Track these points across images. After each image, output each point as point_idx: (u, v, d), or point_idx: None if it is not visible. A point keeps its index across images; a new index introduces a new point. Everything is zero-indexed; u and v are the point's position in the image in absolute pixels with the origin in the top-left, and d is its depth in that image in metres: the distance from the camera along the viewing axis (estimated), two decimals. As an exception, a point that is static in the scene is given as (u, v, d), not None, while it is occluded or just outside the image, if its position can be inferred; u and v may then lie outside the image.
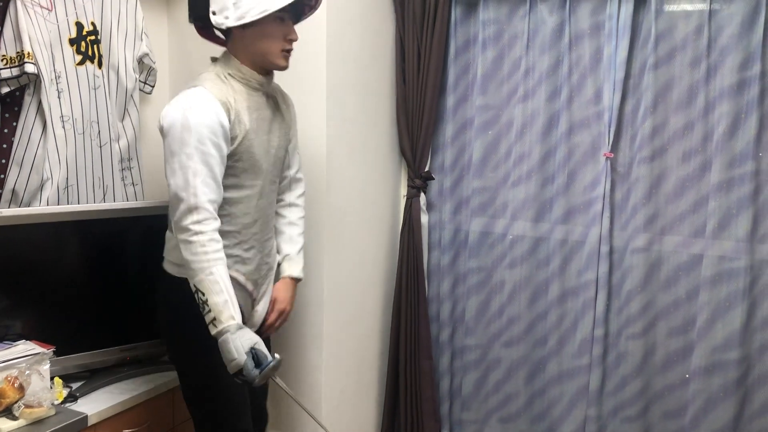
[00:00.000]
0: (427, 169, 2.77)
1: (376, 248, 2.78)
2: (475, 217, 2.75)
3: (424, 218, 2.78)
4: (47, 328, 1.99)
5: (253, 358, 1.61)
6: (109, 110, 2.23)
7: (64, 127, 2.10)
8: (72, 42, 2.12)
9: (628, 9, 2.40)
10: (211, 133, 1.67)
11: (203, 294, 1.63)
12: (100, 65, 2.19)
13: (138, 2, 2.30)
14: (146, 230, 2.23)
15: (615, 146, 2.49)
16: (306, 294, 2.39)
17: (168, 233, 1.89)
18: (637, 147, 2.44)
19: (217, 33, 1.89)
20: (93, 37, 2.17)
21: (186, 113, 1.66)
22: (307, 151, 2.32)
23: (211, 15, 1.73)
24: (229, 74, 1.78)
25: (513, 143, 2.65)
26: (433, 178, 2.79)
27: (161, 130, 1.72)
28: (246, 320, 1.80)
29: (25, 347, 1.83)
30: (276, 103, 1.92)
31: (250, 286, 1.88)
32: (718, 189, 2.33)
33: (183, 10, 2.59)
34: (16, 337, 1.90)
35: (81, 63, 2.14)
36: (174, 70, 2.63)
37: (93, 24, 2.17)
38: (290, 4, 1.70)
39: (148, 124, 2.53)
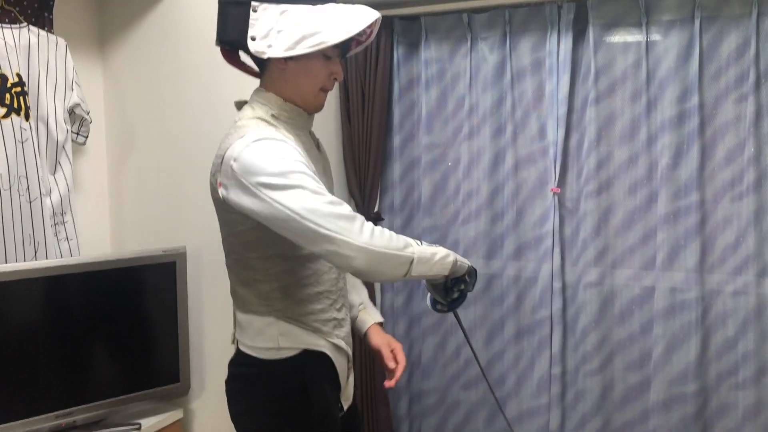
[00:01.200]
0: (376, 209, 2.72)
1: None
2: (427, 257, 2.69)
3: (375, 260, 2.72)
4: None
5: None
6: (39, 164, 2.14)
7: (-11, 183, 2.01)
8: (-4, 95, 2.04)
9: (567, 45, 2.41)
10: (299, 155, 1.40)
11: (422, 261, 1.41)
12: (27, 117, 2.11)
13: (68, 51, 2.23)
14: (82, 288, 2.13)
15: (562, 181, 2.48)
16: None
17: (246, 316, 1.53)
18: (584, 181, 2.43)
19: (249, 61, 1.60)
20: (19, 89, 2.08)
21: (265, 151, 1.37)
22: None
23: (249, 40, 1.43)
24: (273, 115, 1.49)
25: (461, 181, 2.62)
26: (383, 219, 2.74)
27: (234, 176, 1.37)
28: (341, 391, 1.61)
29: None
30: (316, 140, 1.69)
31: (349, 351, 1.64)
32: (665, 220, 2.33)
33: (119, 57, 2.53)
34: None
35: (6, 116, 2.06)
36: (110, 120, 2.55)
37: (18, 75, 2.09)
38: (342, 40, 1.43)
39: (83, 176, 2.44)
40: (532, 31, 2.47)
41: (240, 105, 1.58)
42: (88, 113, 2.32)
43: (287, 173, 1.34)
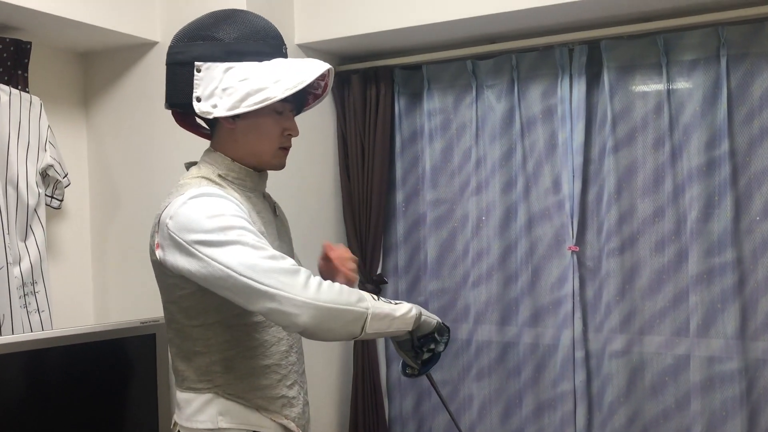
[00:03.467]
0: (379, 271, 2.51)
1: (325, 364, 2.48)
2: (436, 323, 2.46)
3: (379, 327, 2.49)
4: None
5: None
6: (6, 230, 1.98)
7: (-50, 252, 1.85)
8: (-40, 157, 1.90)
9: (580, 90, 2.21)
10: (239, 211, 1.29)
11: (379, 317, 1.27)
12: (-6, 181, 1.96)
13: (42, 110, 2.10)
14: (56, 364, 1.95)
15: (580, 238, 2.25)
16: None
17: (185, 394, 1.38)
18: (605, 238, 2.20)
19: (200, 122, 1.52)
20: (-15, 151, 1.95)
21: (206, 207, 1.26)
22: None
23: (194, 102, 1.37)
24: (220, 175, 1.40)
25: (470, 239, 2.40)
26: (386, 282, 2.52)
27: (170, 236, 1.26)
28: None
29: None
30: (272, 203, 1.57)
31: None
32: (698, 281, 2.07)
33: (103, 116, 2.41)
34: None
35: (-30, 180, 1.91)
36: (94, 181, 2.41)
37: (-14, 136, 1.96)
38: (293, 94, 1.36)
39: (59, 242, 2.28)
40: (542, 76, 2.29)
41: (189, 166, 1.49)
42: (65, 176, 2.17)
43: (225, 229, 1.24)
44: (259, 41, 1.40)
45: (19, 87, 2.08)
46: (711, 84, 2.06)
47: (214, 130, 1.45)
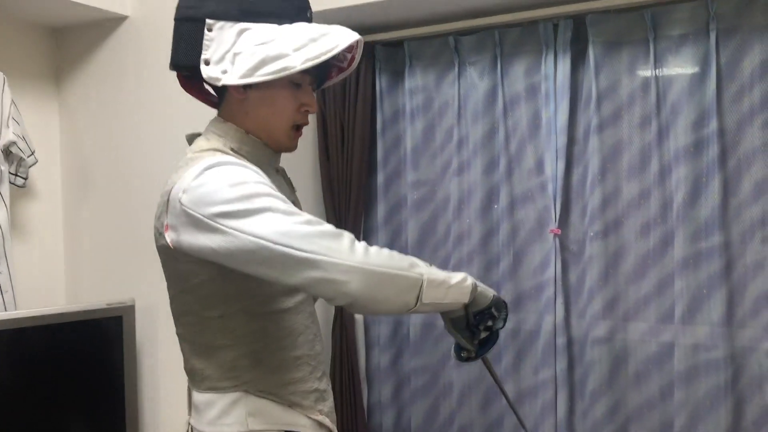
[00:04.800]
0: (358, 255, 2.44)
1: (303, 350, 2.42)
2: (416, 308, 2.39)
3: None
4: None
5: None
6: (-33, 208, 1.93)
7: None
8: None
9: (565, 67, 2.13)
10: (263, 178, 1.15)
11: (435, 284, 1.13)
12: (-47, 157, 1.91)
13: (6, 84, 2.04)
14: (17, 347, 1.90)
15: (563, 221, 2.17)
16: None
17: (205, 395, 1.23)
18: (588, 221, 2.12)
19: (208, 88, 1.36)
20: (-56, 126, 1.89)
21: (223, 176, 1.11)
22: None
23: (202, 64, 1.20)
24: (232, 149, 1.24)
25: (451, 222, 2.33)
26: (365, 266, 2.45)
27: (185, 213, 1.11)
28: None
29: None
30: (288, 179, 1.44)
31: (334, 430, 1.35)
32: (684, 266, 1.99)
33: (74, 92, 2.34)
34: None
35: (-73, 155, 1.86)
36: (66, 158, 2.35)
37: (-55, 111, 1.90)
38: (314, 66, 1.19)
39: (25, 221, 2.23)
40: (526, 52, 2.20)
41: (192, 138, 1.31)
42: (32, 153, 2.11)
43: (251, 197, 1.09)
44: (281, 0, 1.23)
45: (-18, 61, 2.02)
46: (700, 60, 1.97)
47: (222, 98, 1.29)
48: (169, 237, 1.15)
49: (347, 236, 1.09)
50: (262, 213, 1.07)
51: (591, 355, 2.13)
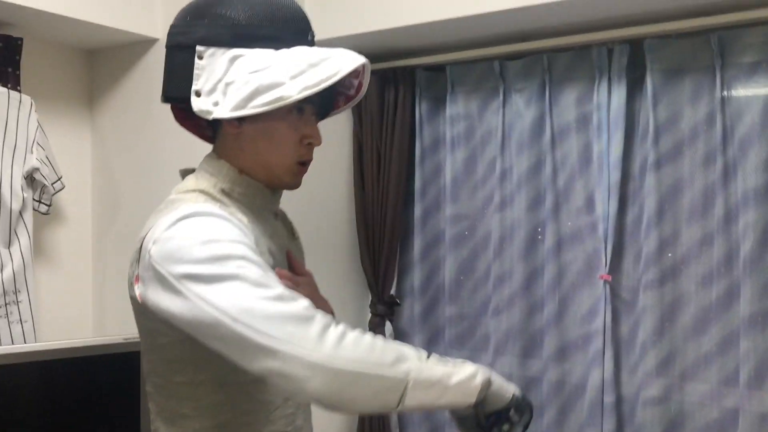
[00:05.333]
0: (392, 291, 2.30)
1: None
2: (453, 351, 2.23)
3: (391, 353, 2.28)
4: None
5: None
6: (-14, 236, 1.89)
7: (-76, 258, 1.77)
8: (-62, 159, 1.81)
9: (620, 96, 1.93)
10: (242, 236, 1.01)
11: (425, 385, 0.94)
12: (-26, 184, 1.87)
13: (33, 110, 1.99)
14: (38, 381, 1.83)
15: (615, 266, 1.97)
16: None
17: None
18: (642, 267, 1.91)
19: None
20: (-35, 153, 1.86)
21: (196, 231, 0.99)
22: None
23: (193, 96, 1.09)
24: (223, 190, 1.12)
25: (492, 260, 2.15)
26: (399, 304, 2.31)
27: (152, 267, 0.99)
28: None
29: None
30: (288, 224, 1.31)
31: None
32: (751, 324, 1.75)
33: (105, 116, 2.29)
34: None
35: (-53, 183, 1.83)
36: (97, 184, 2.30)
37: (-33, 137, 1.87)
38: (316, 94, 1.06)
39: (55, 248, 2.19)
40: (577, 79, 2.02)
41: (185, 174, 1.20)
42: (58, 179, 2.06)
43: (221, 259, 0.95)
44: (278, 23, 1.10)
45: (9, 86, 1.98)
46: (774, 91, 1.74)
47: (217, 132, 1.16)
48: (138, 290, 1.03)
49: (319, 321, 0.93)
50: (229, 281, 0.94)
51: (643, 417, 1.91)
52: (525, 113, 2.09)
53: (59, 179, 2.08)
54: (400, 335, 2.33)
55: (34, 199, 2.02)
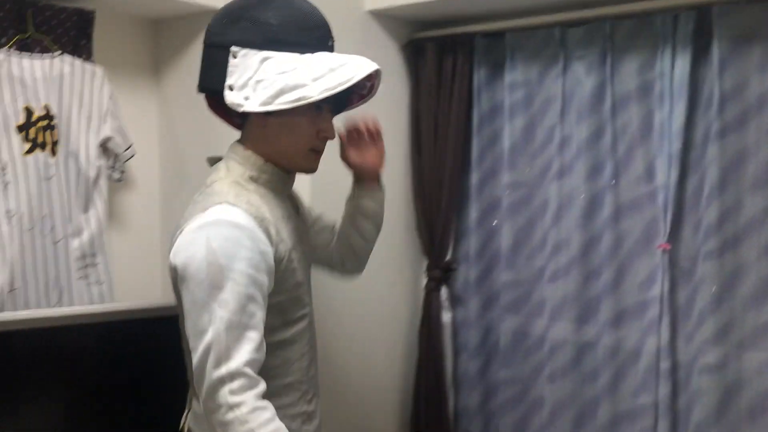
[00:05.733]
0: (448, 257, 2.34)
1: (387, 350, 2.36)
2: (508, 316, 2.28)
3: (447, 316, 2.34)
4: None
5: None
6: (66, 202, 1.99)
7: (10, 222, 1.88)
8: (20, 129, 1.90)
9: (684, 64, 1.91)
10: (251, 267, 1.20)
11: None
12: (54, 153, 1.96)
13: (105, 80, 2.07)
14: (115, 338, 1.93)
15: (674, 235, 1.97)
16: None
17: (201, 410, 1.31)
18: (702, 237, 1.91)
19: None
20: (45, 123, 1.94)
21: (212, 245, 1.18)
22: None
23: (226, 90, 1.28)
24: (251, 177, 1.33)
25: (549, 228, 2.18)
26: (455, 269, 2.35)
27: (174, 270, 1.24)
28: None
29: None
30: (295, 203, 1.49)
31: None
32: (813, 294, 1.76)
33: (172, 85, 2.36)
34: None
35: (30, 151, 1.92)
36: (164, 151, 2.38)
37: (47, 108, 1.95)
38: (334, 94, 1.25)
39: (126, 213, 2.28)
40: (640, 47, 2.00)
41: (213, 161, 1.41)
42: (129, 147, 2.14)
43: (215, 287, 1.18)
44: (304, 30, 1.29)
45: (83, 57, 2.06)
46: None
47: (245, 123, 1.37)
48: (171, 262, 1.27)
49: (253, 391, 1.16)
50: (212, 311, 1.16)
51: (698, 384, 1.93)
52: (585, 81, 2.09)
53: (129, 147, 2.17)
54: (455, 300, 2.38)
55: (107, 167, 2.11)
